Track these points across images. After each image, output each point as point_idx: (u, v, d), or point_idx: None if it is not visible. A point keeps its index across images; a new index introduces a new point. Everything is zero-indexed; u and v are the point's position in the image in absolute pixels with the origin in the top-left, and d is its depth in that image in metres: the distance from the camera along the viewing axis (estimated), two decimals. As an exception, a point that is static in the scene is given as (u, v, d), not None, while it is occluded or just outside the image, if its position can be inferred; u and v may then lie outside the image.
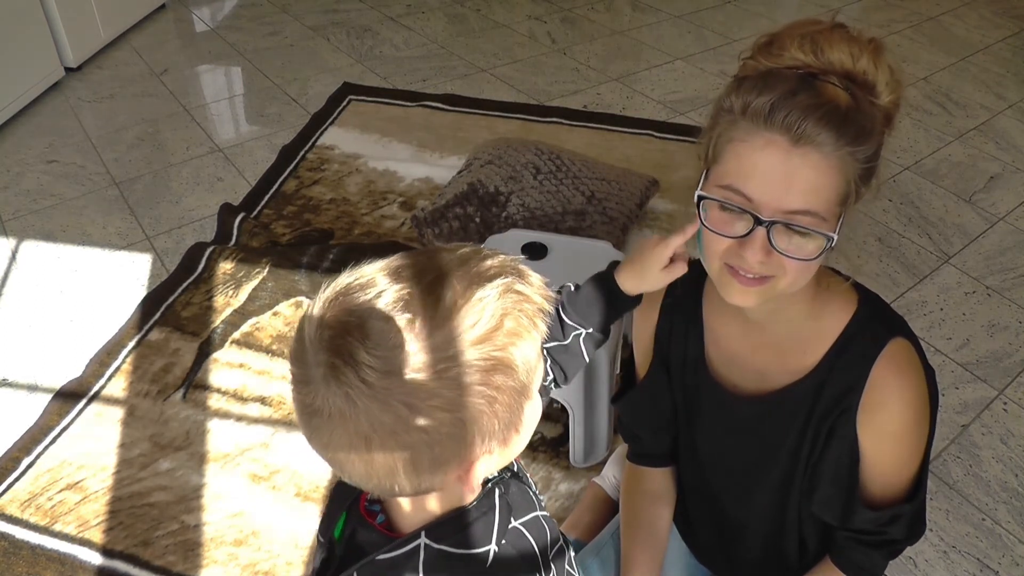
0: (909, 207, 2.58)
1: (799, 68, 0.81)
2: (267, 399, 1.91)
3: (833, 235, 0.81)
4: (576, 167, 2.42)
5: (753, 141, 0.80)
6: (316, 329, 0.59)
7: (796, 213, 0.79)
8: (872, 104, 0.82)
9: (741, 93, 0.81)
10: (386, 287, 0.60)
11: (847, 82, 0.81)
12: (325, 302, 0.61)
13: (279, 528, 1.64)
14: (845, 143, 0.78)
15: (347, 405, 0.58)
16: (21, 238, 2.44)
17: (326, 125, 2.99)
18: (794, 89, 0.79)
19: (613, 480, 1.60)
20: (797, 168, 0.78)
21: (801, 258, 0.82)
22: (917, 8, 4.01)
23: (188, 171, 2.76)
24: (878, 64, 0.81)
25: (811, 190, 0.79)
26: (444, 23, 3.87)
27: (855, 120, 0.79)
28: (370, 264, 0.63)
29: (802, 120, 0.77)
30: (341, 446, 0.60)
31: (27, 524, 1.64)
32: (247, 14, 3.95)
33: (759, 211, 0.80)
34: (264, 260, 2.28)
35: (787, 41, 0.82)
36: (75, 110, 3.10)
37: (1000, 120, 3.07)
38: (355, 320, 0.59)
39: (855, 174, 0.81)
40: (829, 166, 0.78)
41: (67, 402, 1.90)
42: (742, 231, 0.82)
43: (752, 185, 0.80)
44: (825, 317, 0.95)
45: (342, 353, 0.57)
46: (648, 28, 3.82)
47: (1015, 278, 2.30)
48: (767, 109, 0.78)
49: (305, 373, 0.60)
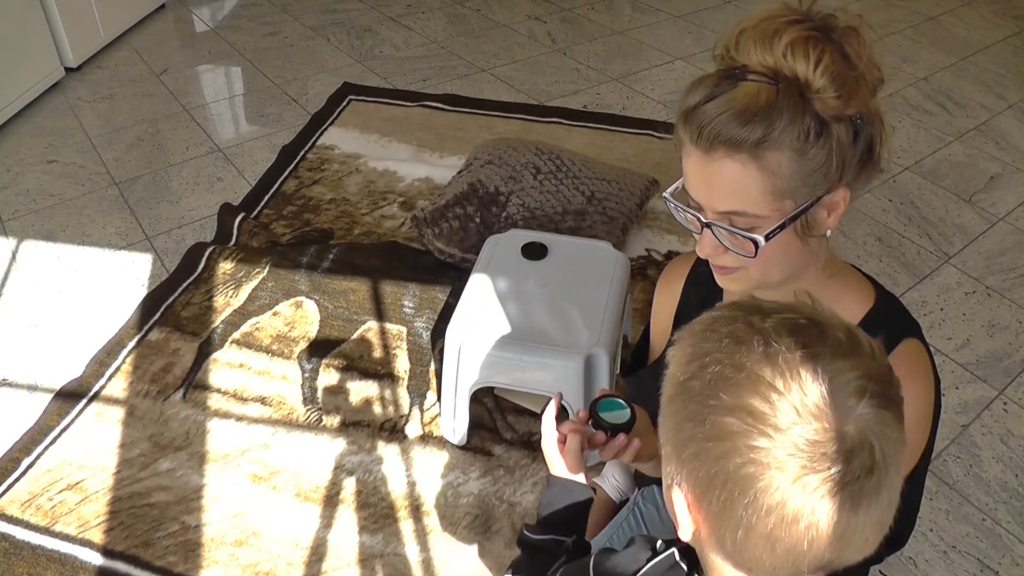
0: (909, 207, 2.58)
1: (733, 68, 0.82)
2: (267, 399, 1.91)
3: (758, 237, 0.82)
4: (576, 167, 2.42)
5: (684, 147, 0.85)
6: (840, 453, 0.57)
7: (725, 214, 0.83)
8: (801, 93, 0.78)
9: (679, 101, 0.86)
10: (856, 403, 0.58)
11: (772, 77, 0.79)
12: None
13: (279, 528, 1.64)
14: (761, 137, 0.78)
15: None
16: (21, 238, 2.44)
17: (326, 125, 2.99)
18: (709, 95, 0.80)
19: (613, 481, 1.60)
20: (714, 174, 0.81)
21: (743, 254, 0.85)
22: (917, 8, 4.01)
23: (188, 171, 2.75)
24: (797, 54, 0.78)
25: (731, 192, 0.81)
26: (444, 23, 3.87)
27: (770, 113, 0.77)
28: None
29: (709, 127, 0.79)
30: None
31: (27, 524, 1.64)
32: (247, 14, 3.95)
33: (702, 211, 0.85)
34: (264, 260, 2.28)
35: (727, 40, 0.84)
36: (75, 110, 3.10)
37: (1000, 120, 3.07)
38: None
39: (800, 165, 0.79)
40: (748, 166, 0.79)
41: (67, 402, 1.90)
42: (698, 228, 0.87)
43: (689, 187, 0.86)
44: (839, 310, 0.95)
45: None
46: (648, 28, 3.82)
47: (1015, 278, 2.30)
48: (684, 116, 0.82)
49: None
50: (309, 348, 2.04)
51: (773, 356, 0.58)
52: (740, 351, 0.60)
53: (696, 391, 0.61)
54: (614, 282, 1.78)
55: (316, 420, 1.87)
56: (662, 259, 2.33)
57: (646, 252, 2.35)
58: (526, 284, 1.78)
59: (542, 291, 1.76)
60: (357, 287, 2.21)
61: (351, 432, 1.84)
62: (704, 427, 0.60)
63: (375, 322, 2.11)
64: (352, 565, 1.58)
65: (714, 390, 0.59)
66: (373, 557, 1.60)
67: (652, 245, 2.38)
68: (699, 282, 1.06)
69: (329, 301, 2.17)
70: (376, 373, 1.98)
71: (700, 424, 0.60)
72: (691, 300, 1.09)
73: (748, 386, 0.58)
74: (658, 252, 2.36)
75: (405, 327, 2.10)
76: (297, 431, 1.84)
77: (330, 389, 1.94)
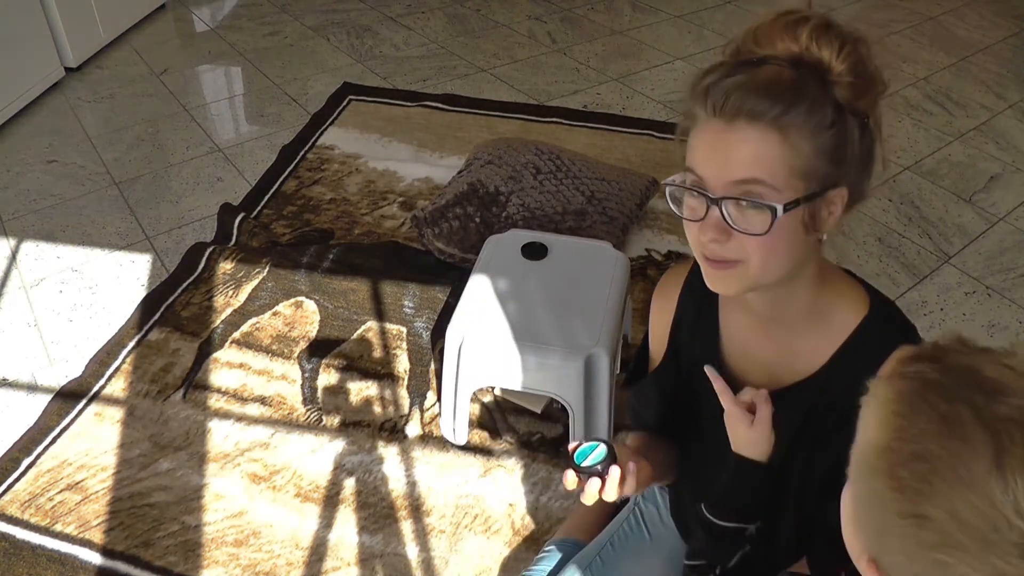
0: (909, 207, 2.58)
1: (753, 57, 0.84)
2: (267, 399, 1.91)
3: (776, 205, 0.81)
4: (576, 167, 2.42)
5: (699, 124, 0.85)
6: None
7: (742, 183, 0.82)
8: (822, 78, 0.82)
9: (692, 85, 0.86)
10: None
11: (794, 63, 0.82)
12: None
13: (279, 528, 1.64)
14: (782, 111, 0.79)
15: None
16: (21, 238, 2.44)
17: (326, 125, 2.99)
18: (731, 72, 0.82)
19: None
20: (733, 142, 0.81)
21: (754, 232, 0.83)
22: (917, 8, 4.01)
23: (188, 171, 2.75)
24: (821, 41, 0.82)
25: (752, 159, 0.81)
26: (444, 23, 3.87)
27: (793, 90, 0.80)
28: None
29: (733, 96, 0.80)
30: None
31: (27, 525, 1.64)
32: (247, 14, 3.95)
33: (710, 189, 0.83)
34: (264, 260, 2.28)
35: (742, 39, 0.86)
36: (75, 110, 3.10)
37: (1000, 120, 3.07)
38: None
39: (816, 146, 0.81)
40: (769, 136, 0.80)
41: (67, 402, 1.90)
42: (701, 213, 0.85)
43: (700, 163, 0.84)
44: (833, 318, 0.95)
45: None
46: (648, 28, 3.82)
47: (1015, 278, 2.30)
48: (704, 91, 0.82)
49: None
50: (309, 348, 2.04)
51: (1004, 468, 0.50)
52: (961, 450, 0.53)
53: (905, 483, 0.55)
54: (614, 282, 1.78)
55: (316, 420, 1.87)
56: (662, 259, 2.33)
57: (646, 252, 2.35)
58: (526, 284, 1.78)
59: (542, 291, 1.76)
60: (357, 287, 2.21)
61: (351, 432, 1.84)
62: (914, 529, 0.54)
63: (375, 322, 2.11)
64: (352, 565, 1.58)
65: (922, 487, 0.54)
66: (373, 557, 1.60)
67: (652, 245, 2.38)
68: (695, 293, 1.06)
69: (329, 301, 2.17)
70: (376, 373, 1.98)
71: (909, 523, 0.55)
72: (687, 311, 1.09)
73: (970, 497, 0.52)
74: (658, 252, 2.36)
75: (405, 327, 2.10)
76: (297, 431, 1.84)
77: (330, 389, 1.94)
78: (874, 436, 0.59)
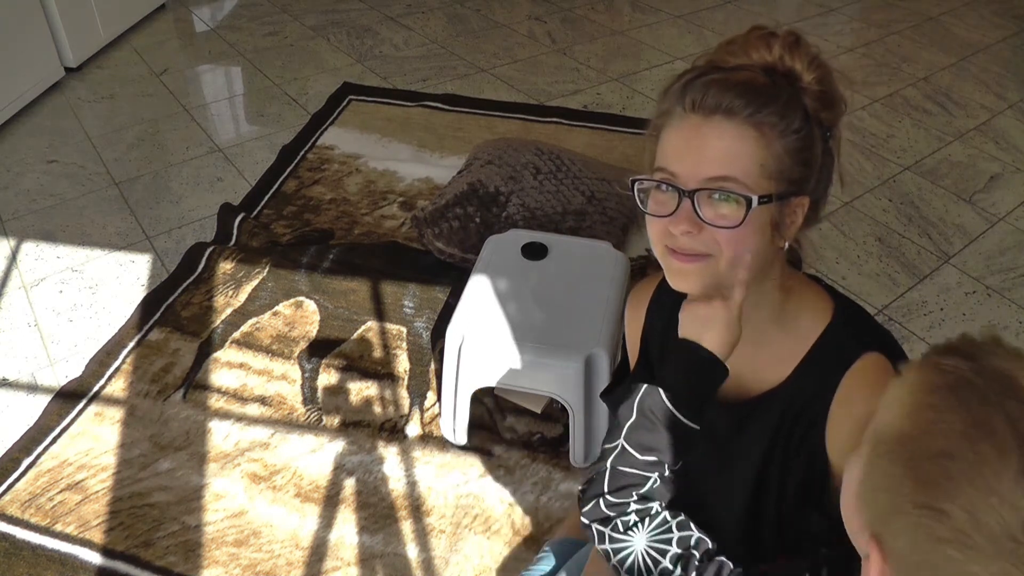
0: (909, 207, 2.58)
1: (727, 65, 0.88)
2: (267, 399, 1.91)
3: (751, 196, 0.82)
4: (576, 167, 2.42)
5: (673, 121, 0.86)
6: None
7: (715, 179, 0.83)
8: (793, 85, 0.85)
9: (667, 85, 0.88)
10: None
11: (767, 71, 0.86)
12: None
13: (279, 528, 1.64)
14: (756, 110, 0.82)
15: None
16: (21, 238, 2.44)
17: (326, 125, 2.99)
18: (707, 71, 0.86)
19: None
20: (710, 138, 0.83)
21: (726, 226, 0.83)
22: (917, 8, 4.01)
23: (188, 171, 2.76)
24: (794, 52, 0.86)
25: (726, 156, 0.83)
26: (444, 23, 3.87)
27: (768, 92, 0.83)
28: None
29: (712, 92, 0.83)
30: None
31: (28, 524, 1.64)
32: (247, 14, 3.95)
33: (682, 183, 0.85)
34: (264, 260, 2.28)
35: (715, 50, 0.90)
36: (75, 110, 3.10)
37: (1000, 120, 3.07)
38: None
39: (786, 147, 0.83)
40: (744, 134, 0.82)
41: (67, 402, 1.90)
42: (672, 207, 0.86)
43: (673, 159, 0.86)
44: (798, 327, 0.94)
45: None
46: (648, 28, 3.82)
47: (1015, 278, 2.30)
48: (682, 88, 0.85)
49: None
50: (309, 348, 2.04)
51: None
52: (991, 455, 0.53)
53: (926, 475, 0.55)
54: (614, 282, 1.78)
55: (316, 420, 1.87)
56: (662, 259, 2.33)
57: (646, 252, 2.35)
58: (526, 284, 1.78)
59: (542, 291, 1.76)
60: (357, 287, 2.21)
61: (351, 432, 1.84)
62: (929, 521, 0.54)
63: (375, 322, 2.11)
64: (352, 565, 1.58)
65: (944, 483, 0.54)
66: (373, 557, 1.60)
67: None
68: (662, 307, 1.06)
69: (329, 301, 2.17)
70: (376, 373, 1.98)
71: (923, 513, 0.55)
72: (655, 325, 1.09)
73: (994, 503, 0.52)
74: (658, 252, 2.35)
75: (405, 327, 2.10)
76: (297, 431, 1.84)
77: (330, 389, 1.94)
78: (899, 422, 0.60)
